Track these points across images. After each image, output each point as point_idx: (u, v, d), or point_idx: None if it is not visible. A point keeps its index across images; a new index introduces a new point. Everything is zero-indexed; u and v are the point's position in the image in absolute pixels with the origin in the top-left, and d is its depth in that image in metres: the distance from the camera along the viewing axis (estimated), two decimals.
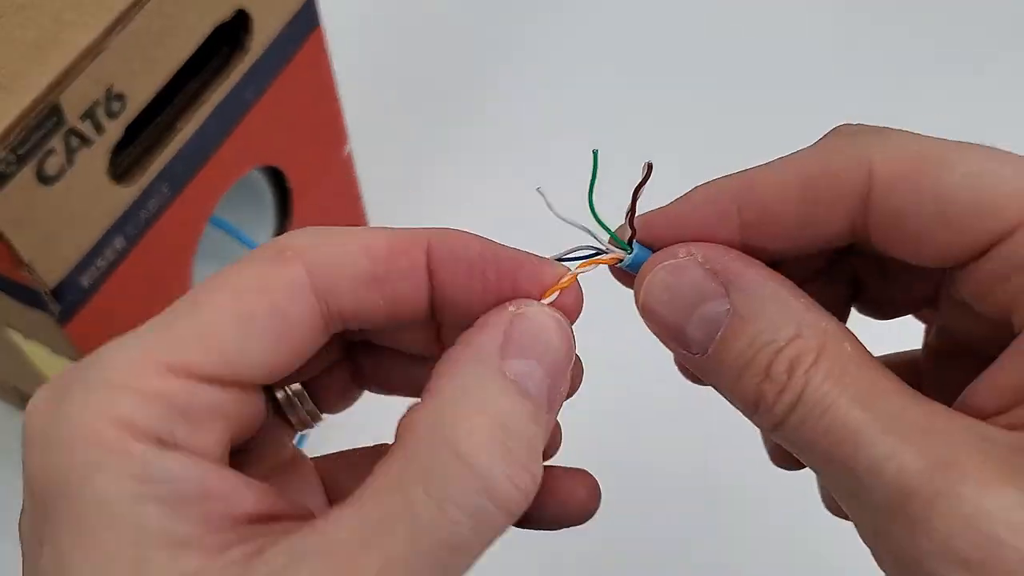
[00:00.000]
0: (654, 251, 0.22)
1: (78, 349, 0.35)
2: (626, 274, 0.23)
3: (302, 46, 0.39)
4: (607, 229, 0.23)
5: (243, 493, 0.18)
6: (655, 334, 0.22)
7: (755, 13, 0.67)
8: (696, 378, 0.23)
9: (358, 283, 0.20)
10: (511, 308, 0.20)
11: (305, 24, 0.39)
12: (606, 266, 0.23)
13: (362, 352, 0.24)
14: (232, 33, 0.36)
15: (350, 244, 0.20)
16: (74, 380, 0.18)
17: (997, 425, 0.19)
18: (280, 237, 0.20)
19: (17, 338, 0.37)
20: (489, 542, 0.18)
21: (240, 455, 0.21)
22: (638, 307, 0.22)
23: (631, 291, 0.23)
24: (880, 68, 0.64)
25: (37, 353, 0.37)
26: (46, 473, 0.18)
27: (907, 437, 0.18)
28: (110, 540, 0.16)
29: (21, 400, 0.50)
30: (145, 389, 0.18)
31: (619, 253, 0.23)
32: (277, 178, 0.43)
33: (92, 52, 0.29)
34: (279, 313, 0.19)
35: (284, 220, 0.45)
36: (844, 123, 0.21)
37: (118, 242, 0.34)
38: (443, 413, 0.18)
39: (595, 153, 0.23)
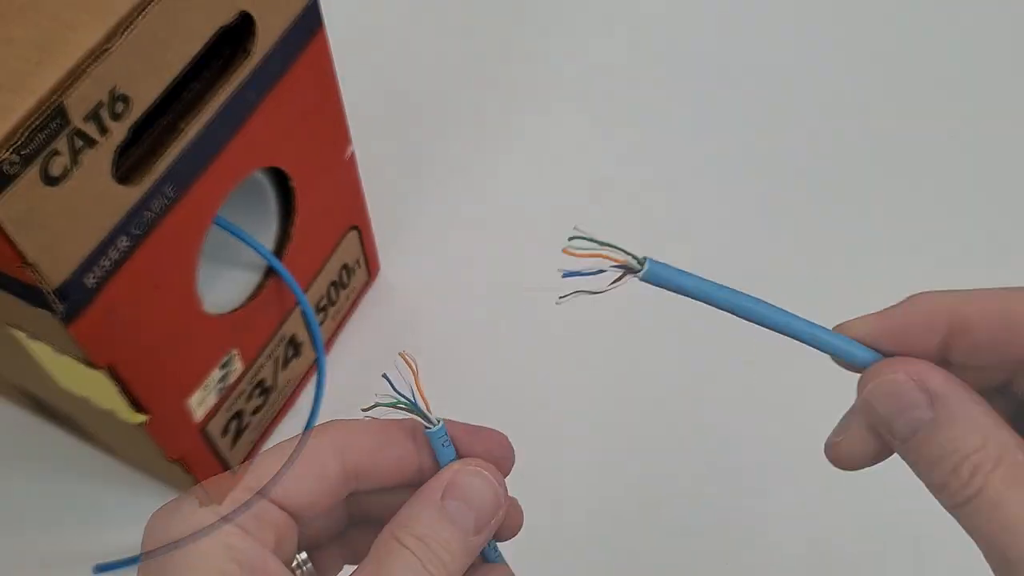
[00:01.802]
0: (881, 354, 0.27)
1: (83, 349, 0.35)
2: None
3: (305, 48, 0.40)
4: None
5: None
6: (866, 418, 0.27)
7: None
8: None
9: (364, 450, 0.29)
10: (455, 467, 0.29)
11: (308, 26, 0.39)
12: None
13: (359, 530, 0.33)
14: (236, 36, 0.36)
15: (359, 425, 0.30)
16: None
17: None
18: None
19: (22, 338, 0.37)
20: None
21: None
22: (860, 402, 0.27)
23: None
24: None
25: (42, 353, 0.37)
26: (165, 540, 0.27)
27: None
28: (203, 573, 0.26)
29: (27, 401, 0.50)
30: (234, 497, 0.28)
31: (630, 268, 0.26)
32: (280, 179, 0.43)
33: (96, 54, 0.30)
34: (317, 462, 0.29)
35: (287, 221, 0.45)
36: None
37: (122, 242, 0.34)
38: (394, 523, 0.28)
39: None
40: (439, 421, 0.29)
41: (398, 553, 0.27)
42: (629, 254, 0.25)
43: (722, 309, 0.26)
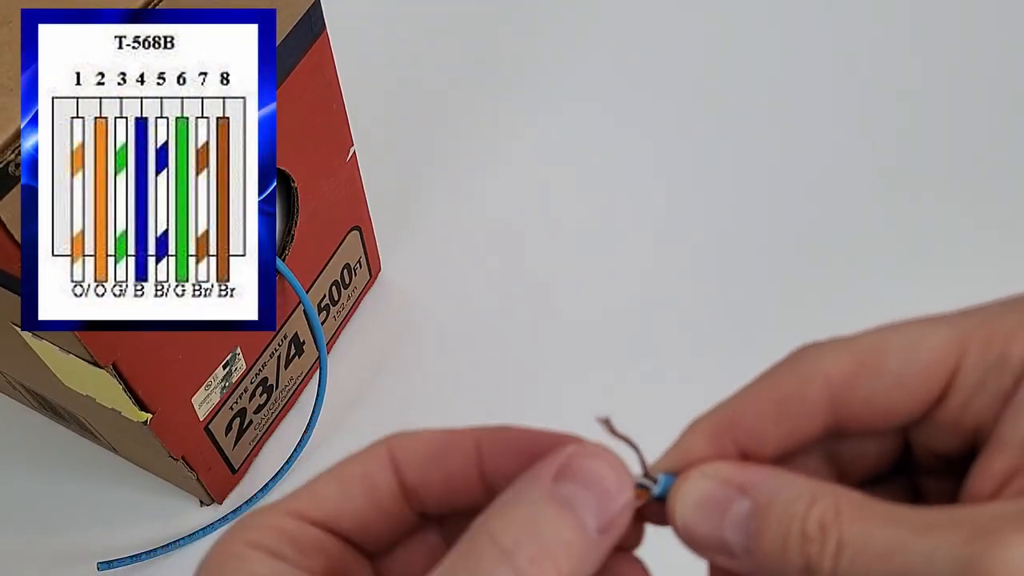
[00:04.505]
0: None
1: (87, 347, 0.35)
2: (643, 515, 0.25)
3: (308, 51, 0.40)
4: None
5: None
6: (703, 555, 0.24)
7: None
8: None
9: (420, 461, 0.25)
10: (569, 448, 0.23)
11: (311, 30, 0.39)
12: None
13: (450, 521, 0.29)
14: None
15: (421, 435, 0.26)
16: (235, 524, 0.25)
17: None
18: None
19: (27, 337, 0.37)
20: None
21: None
22: (680, 534, 0.24)
23: None
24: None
25: (47, 352, 0.38)
26: None
27: (941, 529, 0.21)
28: None
29: (32, 399, 0.50)
30: (269, 524, 0.25)
31: (644, 490, 0.25)
32: (283, 180, 0.44)
33: None
34: (368, 479, 0.25)
35: (290, 221, 0.45)
36: (801, 345, 0.25)
37: None
38: (488, 514, 0.22)
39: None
40: (658, 478, 0.25)
41: (488, 554, 0.21)
42: (639, 482, 0.24)
43: None
